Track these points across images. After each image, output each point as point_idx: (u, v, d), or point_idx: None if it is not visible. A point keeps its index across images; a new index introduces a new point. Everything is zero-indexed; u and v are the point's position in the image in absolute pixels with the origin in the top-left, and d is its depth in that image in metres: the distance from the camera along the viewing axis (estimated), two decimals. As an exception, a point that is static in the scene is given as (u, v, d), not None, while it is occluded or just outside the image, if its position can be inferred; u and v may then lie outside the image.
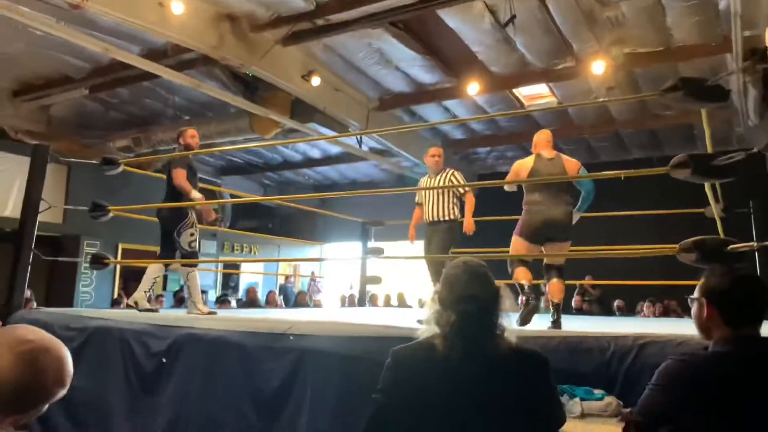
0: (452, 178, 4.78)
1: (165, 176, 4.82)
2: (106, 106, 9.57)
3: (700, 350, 1.77)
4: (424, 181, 5.04)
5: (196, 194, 4.66)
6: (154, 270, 4.75)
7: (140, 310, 4.46)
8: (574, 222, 3.93)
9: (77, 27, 6.35)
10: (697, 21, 6.17)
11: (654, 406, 1.65)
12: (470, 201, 4.75)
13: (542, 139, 4.14)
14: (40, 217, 4.53)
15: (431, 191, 4.75)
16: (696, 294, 1.78)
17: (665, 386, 1.65)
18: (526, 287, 3.72)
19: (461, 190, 4.77)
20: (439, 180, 4.79)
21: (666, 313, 8.58)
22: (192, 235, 4.67)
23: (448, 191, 4.71)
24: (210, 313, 4.60)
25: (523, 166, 4.07)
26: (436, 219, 4.70)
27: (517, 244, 3.91)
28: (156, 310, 4.72)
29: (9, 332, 1.25)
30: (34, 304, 6.20)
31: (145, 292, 4.66)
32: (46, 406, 1.24)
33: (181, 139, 4.93)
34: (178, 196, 4.64)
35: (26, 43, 7.23)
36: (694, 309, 1.79)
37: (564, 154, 4.06)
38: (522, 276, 3.76)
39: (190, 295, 4.70)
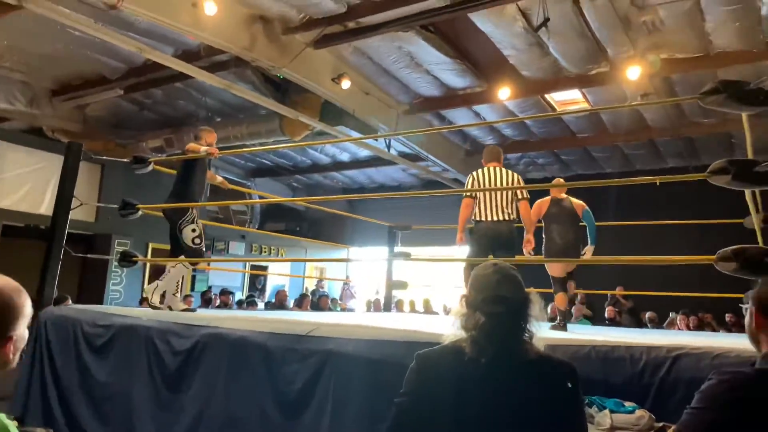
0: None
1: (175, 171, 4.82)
2: (140, 106, 9.73)
3: (743, 367, 1.67)
4: (482, 175, 4.76)
5: (203, 148, 4.64)
6: (177, 273, 4.75)
7: (182, 311, 4.51)
8: (588, 254, 4.96)
9: (113, 27, 6.47)
10: (738, 27, 5.99)
11: (696, 430, 1.55)
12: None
13: (557, 188, 5.00)
14: (73, 215, 4.60)
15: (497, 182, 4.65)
16: (748, 302, 1.70)
17: (707, 408, 1.53)
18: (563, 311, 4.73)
19: (520, 193, 4.70)
20: (502, 174, 4.68)
21: (701, 326, 8.32)
22: (194, 231, 4.66)
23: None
24: (186, 310, 4.61)
25: (543, 204, 4.97)
26: (506, 218, 4.57)
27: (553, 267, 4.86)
28: (194, 310, 4.75)
29: None
30: (70, 302, 6.32)
31: (174, 294, 4.69)
32: (24, 319, 1.35)
33: (204, 139, 4.92)
34: (184, 187, 4.63)
35: (65, 43, 7.39)
36: (746, 318, 1.71)
37: (572, 197, 5.04)
38: (562, 302, 4.78)
39: (167, 289, 4.67)
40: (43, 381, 4.00)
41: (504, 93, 7.58)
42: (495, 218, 4.53)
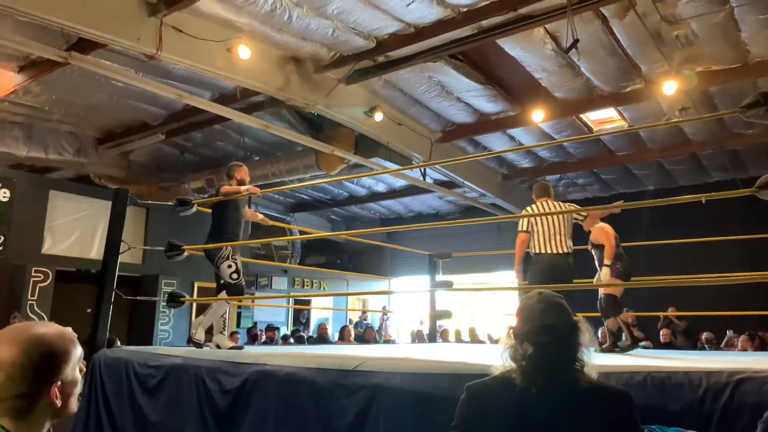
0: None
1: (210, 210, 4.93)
2: (181, 149, 10.05)
3: None
4: (537, 210, 4.76)
5: (243, 188, 4.77)
6: (218, 308, 4.82)
7: (229, 348, 4.58)
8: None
9: (153, 76, 6.74)
10: (775, 34, 5.86)
11: None
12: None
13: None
14: (121, 258, 4.74)
15: (555, 216, 4.60)
16: None
17: None
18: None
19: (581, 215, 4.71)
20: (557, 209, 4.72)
21: (763, 346, 7.92)
22: (230, 267, 4.71)
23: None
24: (234, 348, 4.63)
25: (612, 231, 4.77)
26: (565, 251, 4.56)
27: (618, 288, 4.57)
28: (241, 347, 4.80)
29: (11, 328, 1.35)
30: (119, 343, 6.47)
31: (221, 332, 4.75)
32: (71, 363, 1.35)
33: (237, 175, 4.99)
34: (219, 225, 4.75)
35: (108, 93, 7.73)
36: None
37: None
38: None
39: (215, 326, 4.75)
40: (98, 422, 4.08)
41: (538, 116, 7.55)
42: (556, 251, 4.51)
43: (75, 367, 1.36)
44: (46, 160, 9.11)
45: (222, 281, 4.78)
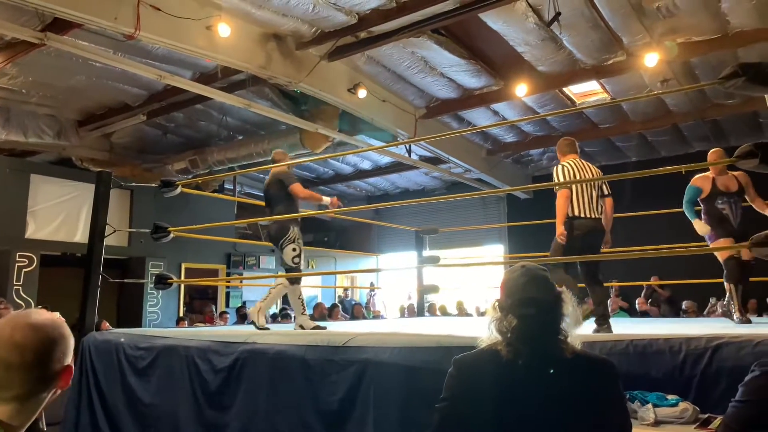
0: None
1: (265, 194, 5.02)
2: (163, 130, 9.93)
3: None
4: (573, 167, 4.20)
5: (326, 199, 5.00)
6: (278, 292, 4.90)
7: (312, 329, 4.57)
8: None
9: (132, 57, 6.64)
10: (754, 4, 5.89)
11: (742, 423, 1.54)
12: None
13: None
14: (107, 241, 4.72)
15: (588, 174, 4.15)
16: None
17: (752, 402, 1.53)
18: None
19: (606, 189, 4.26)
20: (589, 169, 4.21)
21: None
22: (294, 250, 4.76)
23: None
24: (316, 327, 4.64)
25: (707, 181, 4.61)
26: (597, 215, 4.10)
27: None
28: (324, 327, 4.68)
29: (14, 318, 1.37)
30: (108, 325, 6.48)
31: (302, 313, 4.80)
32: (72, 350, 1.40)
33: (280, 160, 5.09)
34: (289, 209, 4.79)
35: (87, 75, 7.60)
36: None
37: None
38: None
39: (294, 310, 4.85)
40: (90, 405, 4.11)
41: (521, 90, 7.57)
42: (593, 215, 4.04)
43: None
44: (26, 144, 8.97)
45: (283, 263, 4.82)
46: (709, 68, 7.16)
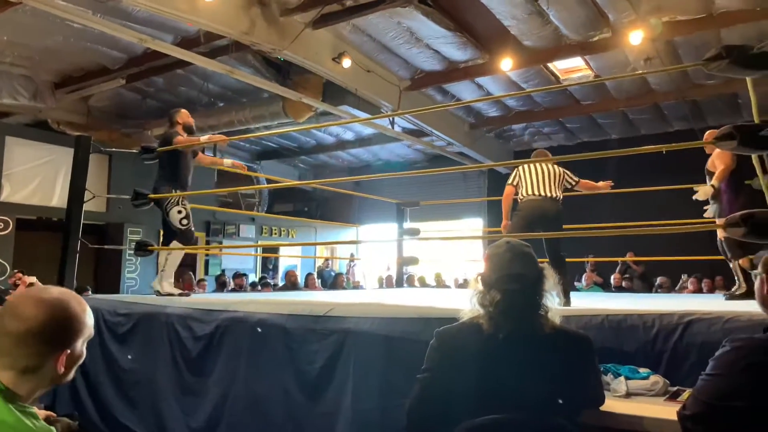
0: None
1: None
2: (142, 95, 9.75)
3: (756, 334, 1.70)
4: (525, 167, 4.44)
5: (227, 161, 4.85)
6: (176, 255, 4.81)
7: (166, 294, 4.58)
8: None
9: (112, 18, 6.46)
10: (740, -16, 5.92)
11: (711, 396, 1.58)
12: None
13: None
14: (85, 207, 4.67)
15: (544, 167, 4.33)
16: (759, 269, 1.73)
17: (722, 375, 1.58)
18: None
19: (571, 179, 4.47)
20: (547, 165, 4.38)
21: (713, 290, 8.34)
22: (180, 212, 4.69)
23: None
24: (181, 294, 4.65)
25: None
26: (555, 196, 4.26)
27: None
28: (188, 294, 4.80)
29: (29, 291, 1.42)
30: (90, 293, 6.44)
31: (165, 276, 4.73)
32: (84, 337, 1.40)
33: (180, 120, 4.91)
34: (173, 172, 4.69)
35: (64, 36, 7.39)
36: (756, 284, 1.74)
37: None
38: None
39: (163, 269, 4.73)
40: (69, 371, 4.10)
41: (506, 64, 7.54)
42: (540, 194, 4.19)
43: (85, 342, 1.41)
44: (0, 105, 8.76)
45: (171, 227, 4.73)
46: (692, 48, 7.20)
